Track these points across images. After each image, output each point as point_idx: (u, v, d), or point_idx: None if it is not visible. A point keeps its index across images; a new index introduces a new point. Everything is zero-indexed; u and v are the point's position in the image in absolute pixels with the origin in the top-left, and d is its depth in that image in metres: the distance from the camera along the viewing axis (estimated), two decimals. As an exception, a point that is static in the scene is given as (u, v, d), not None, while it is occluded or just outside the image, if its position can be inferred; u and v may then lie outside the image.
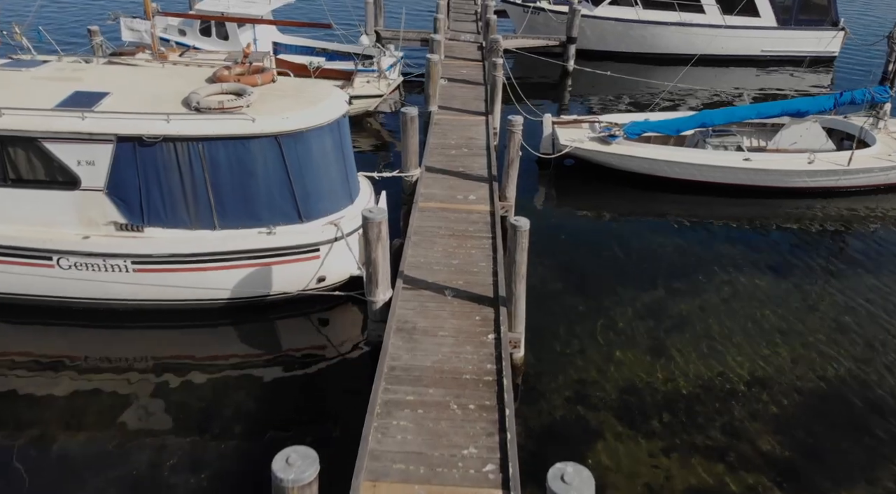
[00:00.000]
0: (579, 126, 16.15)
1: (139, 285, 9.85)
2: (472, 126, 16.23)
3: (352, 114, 19.42)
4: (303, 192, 9.95)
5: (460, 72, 20.83)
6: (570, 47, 24.42)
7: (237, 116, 9.43)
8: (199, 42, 21.58)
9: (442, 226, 11.34)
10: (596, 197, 15.22)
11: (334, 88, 10.80)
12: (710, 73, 25.87)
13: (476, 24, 27.70)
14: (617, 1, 26.30)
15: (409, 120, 12.57)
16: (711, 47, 26.14)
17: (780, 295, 11.97)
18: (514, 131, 12.44)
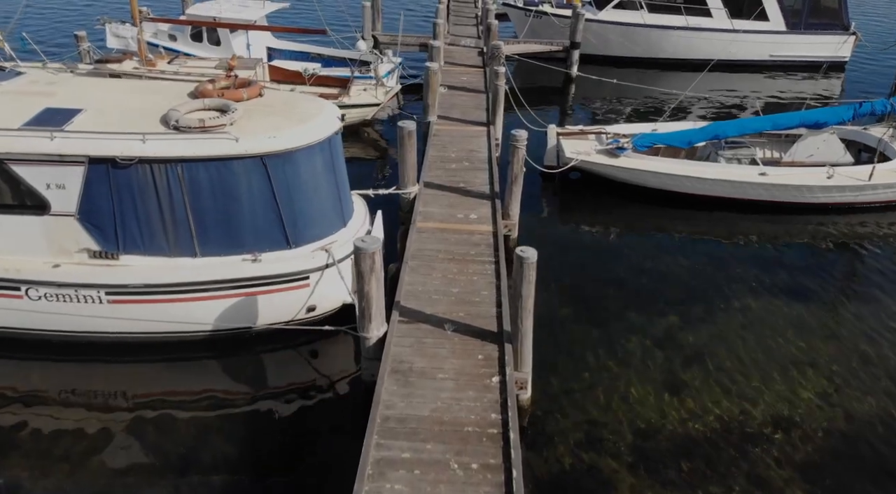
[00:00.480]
0: (585, 137, 15.42)
1: (114, 317, 9.11)
2: (472, 137, 15.50)
3: (348, 123, 18.71)
4: (291, 216, 9.22)
5: (460, 79, 20.10)
6: (574, 53, 23.70)
7: (219, 136, 8.70)
8: (190, 48, 20.84)
9: (441, 249, 10.61)
10: (603, 212, 14.49)
11: (326, 103, 10.07)
12: (717, 79, 25.13)
13: (476, 27, 27.00)
14: (621, 4, 25.59)
15: (406, 134, 11.84)
16: (719, 52, 25.41)
17: (799, 321, 11.24)
18: (517, 146, 11.72)
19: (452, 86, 19.19)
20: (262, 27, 19.77)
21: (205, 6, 21.30)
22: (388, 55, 21.60)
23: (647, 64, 25.86)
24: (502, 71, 15.52)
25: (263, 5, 21.64)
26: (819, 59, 25.86)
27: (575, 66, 23.86)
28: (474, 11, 30.18)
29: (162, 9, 30.98)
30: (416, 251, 10.48)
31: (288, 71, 19.32)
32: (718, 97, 23.14)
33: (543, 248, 13.24)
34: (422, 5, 37.11)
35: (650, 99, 22.27)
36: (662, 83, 24.39)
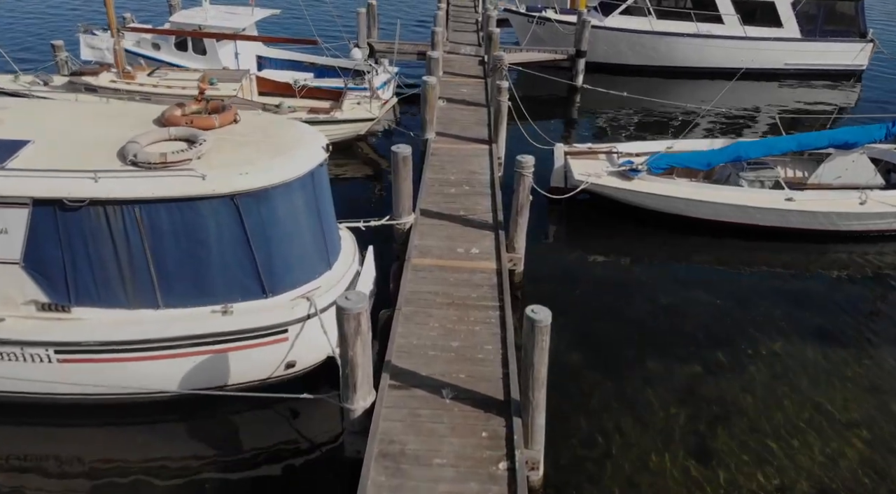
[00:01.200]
0: (595, 157, 14.29)
1: (65, 379, 7.98)
2: (473, 156, 14.38)
3: (340, 139, 17.61)
4: (267, 262, 8.10)
5: (460, 91, 18.98)
6: (579, 61, 22.58)
7: (183, 172, 7.57)
8: (174, 57, 19.72)
9: (439, 292, 9.48)
10: (615, 240, 13.36)
11: (308, 131, 8.94)
12: (729, 88, 23.97)
13: (477, 34, 25.88)
14: (629, 10, 24.47)
15: (401, 160, 10.72)
16: (730, 60, 24.41)
17: (836, 370, 10.11)
18: (523, 174, 10.60)
19: (452, 99, 18.07)
20: (249, 37, 18.65)
21: (190, 13, 20.18)
22: (384, 64, 20.49)
23: (655, 72, 24.75)
24: (505, 85, 14.40)
25: (252, 12, 20.50)
26: (835, 68, 24.76)
27: (580, 75, 22.73)
28: (474, 16, 29.06)
29: (149, 14, 29.91)
30: (411, 294, 9.36)
31: (277, 82, 18.22)
32: (730, 107, 22.01)
33: (550, 282, 12.28)
34: (420, 9, 36.01)
35: (660, 110, 21.15)
36: (671, 93, 23.27)
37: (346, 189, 15.16)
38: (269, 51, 21.86)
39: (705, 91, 23.61)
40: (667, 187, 13.08)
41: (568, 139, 18.87)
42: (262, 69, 21.78)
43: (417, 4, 37.52)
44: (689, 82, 24.39)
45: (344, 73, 20.15)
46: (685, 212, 13.19)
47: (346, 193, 14.76)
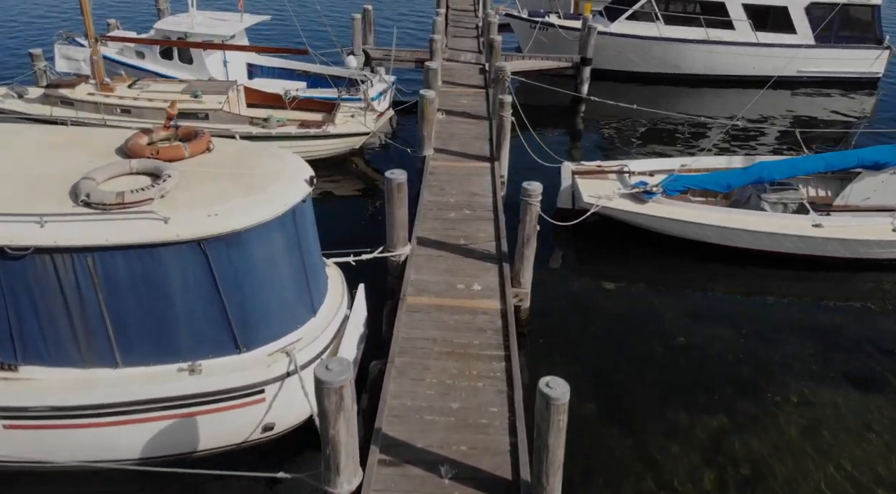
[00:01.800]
0: (605, 177, 13.32)
1: (12, 447, 7.01)
2: (474, 175, 13.40)
3: (333, 154, 16.65)
4: (240, 313, 7.12)
5: (460, 102, 18.00)
6: (585, 70, 21.59)
7: (143, 214, 6.59)
8: (159, 66, 18.75)
9: (437, 338, 8.51)
10: (627, 267, 12.39)
11: (292, 161, 7.97)
12: (738, 96, 23.05)
13: (477, 40, 24.90)
14: (635, 16, 23.48)
15: (395, 188, 9.74)
16: (741, 67, 23.48)
17: (875, 421, 9.14)
18: (530, 202, 9.62)
19: (451, 112, 17.09)
20: (235, 47, 17.65)
21: (176, 20, 19.22)
22: (381, 73, 19.53)
23: (662, 80, 23.78)
24: (508, 100, 13.42)
25: (241, 19, 19.56)
26: (850, 76, 23.79)
27: (586, 84, 21.74)
28: (474, 21, 28.07)
29: (138, 19, 28.92)
30: (406, 342, 8.38)
31: (266, 94, 17.24)
32: (742, 117, 21.03)
33: (558, 317, 11.18)
34: (418, 12, 35.03)
35: (669, 120, 20.18)
36: (680, 101, 22.30)
37: (336, 210, 14.18)
38: (260, 58, 20.89)
39: (715, 99, 22.64)
40: (684, 211, 12.11)
41: (573, 152, 17.91)
42: (253, 77, 20.84)
43: (415, 8, 36.56)
44: (697, 90, 23.40)
45: (338, 83, 19.20)
46: (704, 238, 12.22)
47: (336, 216, 13.80)
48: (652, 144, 18.44)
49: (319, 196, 14.99)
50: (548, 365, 9.81)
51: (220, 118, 15.18)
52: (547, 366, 9.67)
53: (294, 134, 15.39)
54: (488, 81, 19.25)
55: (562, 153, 16.50)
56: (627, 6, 23.61)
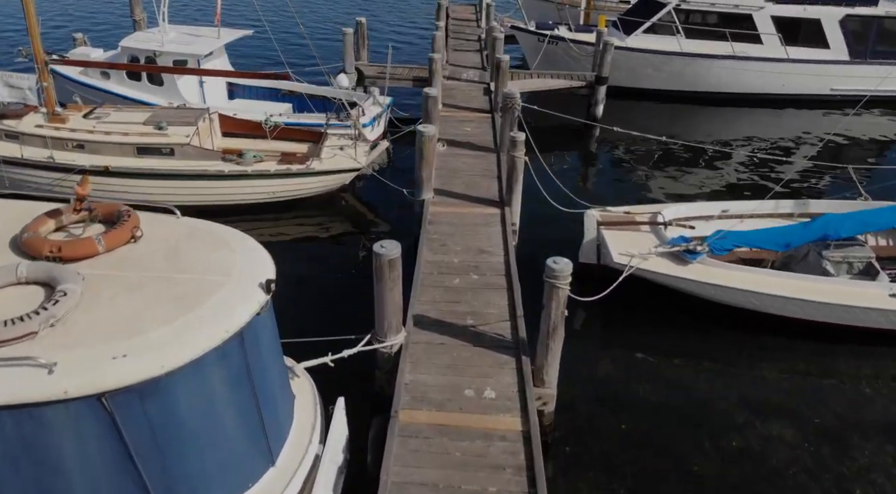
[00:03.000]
0: (636, 228, 11.27)
1: None
2: (481, 225, 11.37)
3: (319, 192, 14.62)
4: (164, 483, 5.05)
5: (463, 129, 15.96)
6: (600, 90, 19.54)
7: (18, 360, 4.52)
8: (126, 88, 16.71)
9: (440, 484, 6.44)
10: (665, 341, 10.34)
11: (247, 250, 5.92)
12: (767, 117, 21.11)
13: (480, 54, 22.87)
14: (654, 28, 21.47)
15: (385, 265, 7.68)
16: (769, 85, 21.50)
17: None
18: (558, 286, 7.57)
19: (453, 142, 15.05)
20: (205, 72, 15.59)
21: (145, 37, 17.18)
22: (374, 94, 17.50)
23: (683, 98, 21.77)
24: (521, 138, 11.39)
25: (218, 34, 17.51)
26: (888, 94, 21.76)
27: (601, 105, 19.71)
28: (476, 32, 26.04)
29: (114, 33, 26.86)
30: (397, 490, 6.31)
31: (244, 122, 15.19)
32: (768, 139, 19.08)
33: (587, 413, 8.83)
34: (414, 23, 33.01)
35: (694, 145, 18.15)
36: (703, 122, 20.33)
37: (317, 269, 12.10)
38: (242, 76, 18.85)
39: (741, 120, 20.63)
40: (737, 276, 10.06)
41: (587, 186, 15.82)
42: (234, 98, 18.81)
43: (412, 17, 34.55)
44: (721, 110, 21.40)
45: (328, 106, 17.19)
46: (759, 308, 10.18)
47: (316, 277, 11.73)
48: (678, 174, 16.39)
49: (297, 245, 12.92)
50: (575, 482, 7.80)
51: (187, 154, 13.14)
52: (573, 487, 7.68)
53: (273, 172, 13.34)
54: (494, 104, 17.22)
55: (575, 186, 14.47)
56: (644, 18, 21.60)
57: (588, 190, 15.11)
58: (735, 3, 20.90)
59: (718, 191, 15.67)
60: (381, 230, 13.54)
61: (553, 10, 26.29)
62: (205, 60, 17.37)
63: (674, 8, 21.11)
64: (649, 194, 15.30)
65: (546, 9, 26.81)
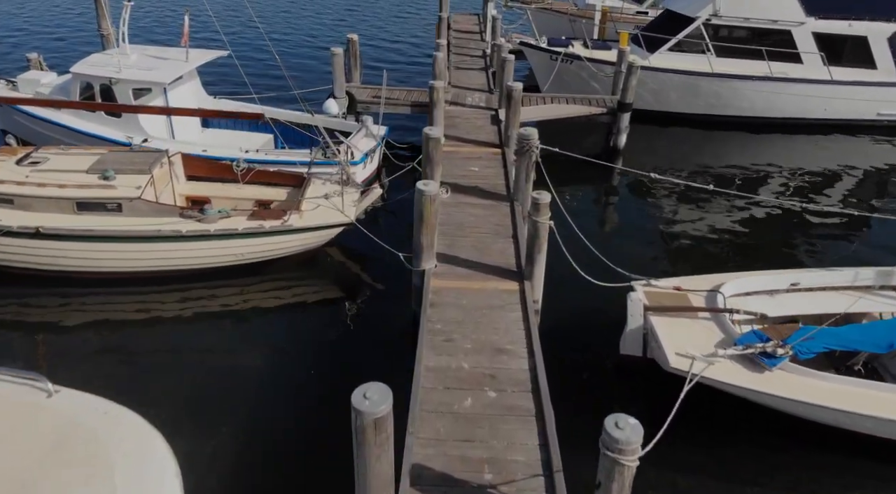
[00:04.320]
0: (693, 315, 8.95)
1: None
2: (496, 310, 9.07)
3: (298, 252, 12.30)
4: None
5: (469, 169, 13.69)
6: (623, 117, 17.26)
7: None
8: (78, 120, 14.40)
9: None
10: (728, 468, 8.03)
11: (138, 475, 3.59)
12: (807, 144, 18.86)
13: (486, 72, 20.59)
14: (680, 46, 19.21)
15: (369, 427, 5.34)
16: (809, 109, 19.25)
17: None
18: (623, 462, 5.23)
19: (458, 187, 12.76)
20: (165, 110, 13.31)
21: (101, 60, 14.86)
22: (367, 124, 15.26)
23: (713, 123, 19.49)
24: (546, 201, 9.10)
25: (187, 57, 15.20)
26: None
27: (623, 135, 17.43)
28: (481, 47, 23.76)
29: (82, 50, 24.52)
30: None
31: (212, 163, 12.90)
32: (812, 170, 16.84)
33: None
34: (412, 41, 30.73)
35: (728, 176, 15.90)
36: (735, 150, 18.12)
37: (293, 347, 9.77)
38: (218, 101, 16.57)
39: (780, 148, 18.40)
40: (831, 390, 7.75)
41: (613, 236, 13.43)
42: (209, 127, 16.54)
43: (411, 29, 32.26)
44: (756, 137, 19.15)
45: (315, 137, 14.91)
46: (852, 427, 7.88)
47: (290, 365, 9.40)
48: (721, 220, 14.07)
49: (267, 319, 10.58)
50: None
51: (137, 210, 10.85)
52: None
53: (241, 231, 11.03)
54: (504, 138, 14.93)
55: (600, 239, 12.23)
56: (669, 34, 19.35)
57: (618, 246, 12.78)
58: (772, 18, 18.64)
59: (771, 241, 13.38)
60: (375, 296, 11.24)
61: (565, 23, 24.05)
62: (172, 88, 15.09)
63: (703, 23, 18.85)
64: (691, 247, 13.01)
65: (557, 22, 24.57)
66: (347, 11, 36.35)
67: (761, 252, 12.96)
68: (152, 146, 13.88)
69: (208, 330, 10.26)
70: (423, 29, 31.85)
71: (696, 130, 19.30)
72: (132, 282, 11.12)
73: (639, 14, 25.50)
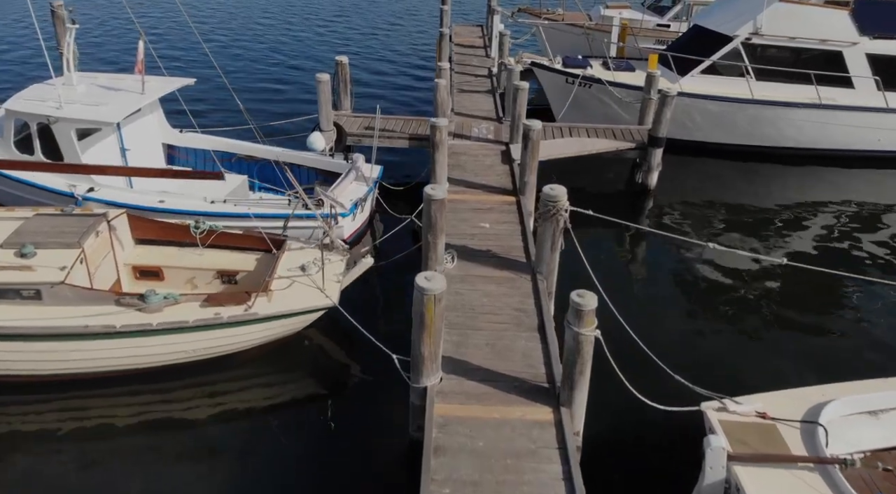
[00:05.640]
0: (792, 463, 6.63)
1: None
2: (525, 458, 6.81)
3: (267, 342, 9.89)
4: None
5: (478, 225, 11.40)
6: (654, 153, 14.92)
7: None
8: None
9: None
10: None
11: None
12: (861, 179, 16.63)
13: (493, 96, 18.29)
14: (715, 68, 16.92)
15: None
16: (861, 140, 16.99)
17: None
18: None
19: (466, 251, 10.42)
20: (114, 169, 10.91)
21: (39, 94, 12.52)
22: (358, 164, 13.01)
23: (752, 155, 17.22)
24: (591, 306, 6.73)
25: (143, 89, 12.84)
26: None
27: (654, 173, 15.10)
28: (486, 64, 21.43)
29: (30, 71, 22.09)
30: None
31: (164, 225, 10.53)
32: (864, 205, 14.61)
33: None
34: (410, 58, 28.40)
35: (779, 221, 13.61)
36: (779, 187, 15.83)
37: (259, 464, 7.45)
38: (185, 137, 14.26)
39: (827, 184, 16.17)
40: None
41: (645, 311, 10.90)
42: (175, 163, 14.25)
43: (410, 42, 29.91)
44: (802, 171, 16.87)
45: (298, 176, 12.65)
46: None
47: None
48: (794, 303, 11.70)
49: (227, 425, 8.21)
50: None
51: (60, 298, 8.51)
52: None
53: (192, 324, 8.66)
54: (519, 183, 12.61)
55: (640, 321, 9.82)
56: (702, 55, 17.05)
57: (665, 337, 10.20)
58: (822, 38, 16.35)
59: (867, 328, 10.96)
60: (362, 400, 8.90)
61: (578, 38, 21.72)
62: (127, 123, 12.78)
63: (743, 42, 16.54)
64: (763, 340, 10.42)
65: (570, 38, 22.23)
66: (335, 32, 33.99)
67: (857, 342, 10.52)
68: (97, 197, 11.59)
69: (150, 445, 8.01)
70: (423, 45, 29.43)
71: (732, 163, 17.01)
72: (54, 387, 8.78)
73: (659, 27, 23.18)
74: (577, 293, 6.83)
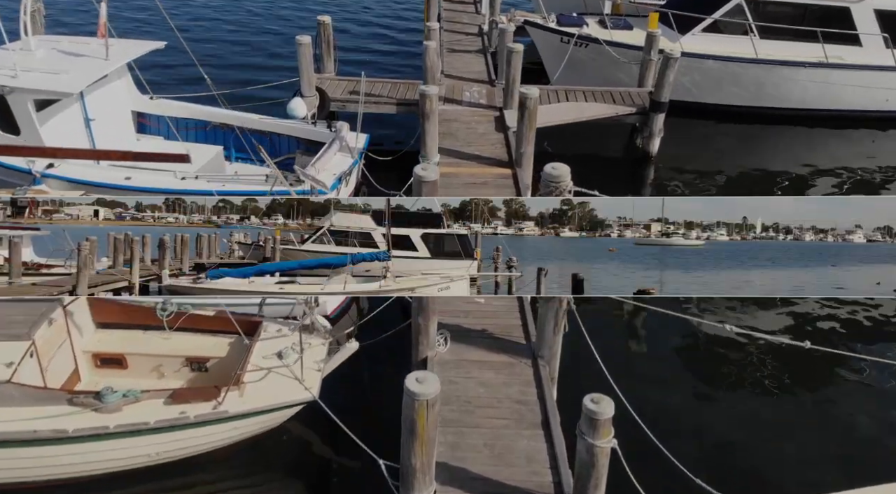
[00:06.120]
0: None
1: None
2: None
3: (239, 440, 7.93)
4: None
5: (473, 301, 9.51)
6: (656, 119, 14.16)
7: None
8: (-36, 144, 11.07)
9: None
10: None
11: None
12: (866, 139, 16.05)
13: (484, 57, 17.36)
14: (717, 26, 16.07)
15: None
16: (869, 100, 16.28)
17: None
18: None
19: (458, 332, 8.39)
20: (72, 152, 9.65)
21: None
22: (342, 132, 12.16)
23: (757, 116, 16.50)
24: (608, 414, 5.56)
25: (107, 54, 11.84)
26: None
27: (656, 139, 14.36)
28: (476, 21, 20.35)
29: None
30: None
31: (128, 308, 9.03)
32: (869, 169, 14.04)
33: None
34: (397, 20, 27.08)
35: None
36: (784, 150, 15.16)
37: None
38: (156, 104, 13.30)
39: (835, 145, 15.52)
40: None
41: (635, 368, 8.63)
42: (146, 132, 13.37)
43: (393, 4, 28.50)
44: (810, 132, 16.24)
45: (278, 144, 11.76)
46: None
47: None
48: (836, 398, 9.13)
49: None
50: None
51: (6, 398, 7.27)
52: None
53: (154, 426, 7.49)
54: (515, 155, 11.85)
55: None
56: (703, 12, 16.17)
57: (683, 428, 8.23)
58: (829, -8, 15.53)
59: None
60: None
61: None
62: (90, 91, 11.82)
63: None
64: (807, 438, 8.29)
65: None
66: None
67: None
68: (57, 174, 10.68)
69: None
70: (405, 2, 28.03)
71: (735, 125, 16.31)
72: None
73: (656, -20, 22.10)
74: (592, 398, 5.85)
